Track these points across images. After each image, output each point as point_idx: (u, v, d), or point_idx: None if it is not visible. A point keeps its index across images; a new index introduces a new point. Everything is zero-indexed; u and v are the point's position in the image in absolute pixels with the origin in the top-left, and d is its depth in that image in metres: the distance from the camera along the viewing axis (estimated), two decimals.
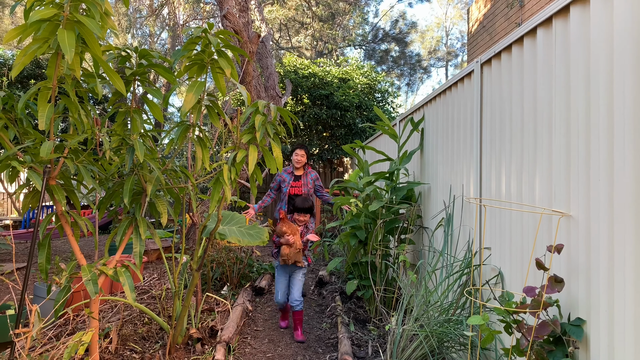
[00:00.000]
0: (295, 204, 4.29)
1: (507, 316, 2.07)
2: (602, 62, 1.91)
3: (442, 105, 4.01)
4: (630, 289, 1.74)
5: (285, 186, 5.28)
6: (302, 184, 5.29)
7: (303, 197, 4.46)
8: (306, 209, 4.23)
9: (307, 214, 4.24)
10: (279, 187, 5.40)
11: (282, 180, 5.34)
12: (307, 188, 5.31)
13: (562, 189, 2.16)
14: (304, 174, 5.36)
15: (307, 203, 4.26)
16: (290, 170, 5.37)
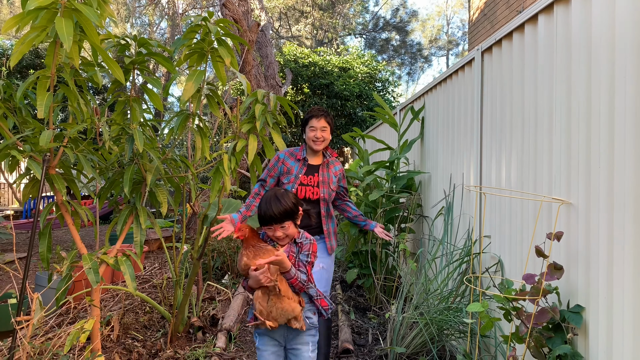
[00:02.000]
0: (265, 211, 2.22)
1: (506, 303, 2.08)
2: (604, 48, 1.90)
3: (442, 93, 3.99)
4: (629, 276, 1.75)
5: (290, 182, 3.03)
6: (319, 181, 3.06)
7: (275, 194, 2.26)
8: (283, 213, 2.20)
9: (285, 221, 2.21)
10: (278, 182, 3.15)
11: (284, 171, 3.08)
12: (329, 189, 3.09)
13: (562, 177, 2.16)
14: (323, 165, 3.13)
15: (282, 203, 2.20)
16: (300, 155, 3.11)
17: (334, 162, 3.23)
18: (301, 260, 2.24)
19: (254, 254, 2.17)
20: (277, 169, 3.11)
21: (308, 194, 3.04)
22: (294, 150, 3.16)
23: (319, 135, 3.04)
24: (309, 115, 3.11)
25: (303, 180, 3.04)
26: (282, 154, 3.14)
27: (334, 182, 3.14)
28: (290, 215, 2.21)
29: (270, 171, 3.11)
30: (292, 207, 2.23)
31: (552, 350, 1.93)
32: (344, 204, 3.33)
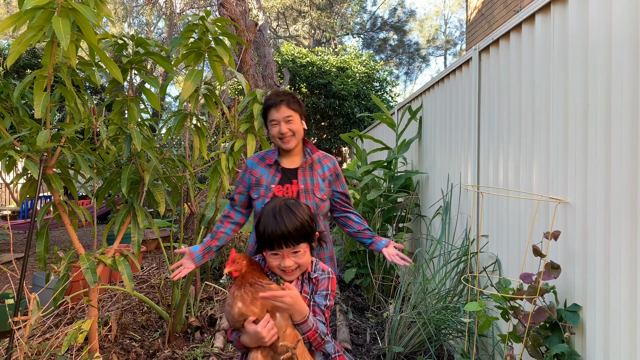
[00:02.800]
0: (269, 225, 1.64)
1: (504, 303, 2.09)
2: (600, 48, 1.90)
3: (440, 93, 4.00)
4: (625, 274, 1.75)
5: (259, 197, 2.30)
6: (300, 191, 2.28)
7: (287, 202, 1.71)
8: (299, 231, 1.63)
9: (300, 243, 1.64)
10: (249, 201, 2.40)
11: (253, 183, 2.35)
12: (316, 200, 2.28)
13: (559, 176, 2.16)
14: (304, 167, 2.33)
15: (298, 216, 1.64)
16: (271, 159, 2.36)
17: (322, 160, 2.35)
18: (318, 303, 1.64)
19: (252, 296, 1.50)
20: (245, 182, 2.34)
21: None
22: (266, 154, 2.37)
23: (285, 129, 2.22)
24: (265, 105, 2.31)
25: (277, 192, 2.23)
26: (250, 160, 2.37)
27: (323, 188, 2.28)
28: (307, 234, 1.60)
29: (238, 186, 2.38)
30: (310, 222, 1.63)
31: (549, 349, 1.94)
32: (344, 216, 2.41)
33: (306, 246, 1.62)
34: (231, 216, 2.38)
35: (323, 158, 2.37)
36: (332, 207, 2.41)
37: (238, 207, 2.38)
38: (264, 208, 1.67)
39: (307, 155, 2.33)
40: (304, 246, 1.61)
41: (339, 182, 2.40)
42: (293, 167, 2.30)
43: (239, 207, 2.38)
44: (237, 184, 2.38)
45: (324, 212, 2.30)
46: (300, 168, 2.30)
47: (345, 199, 2.43)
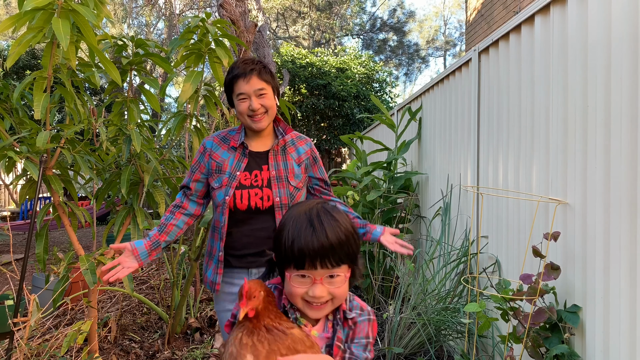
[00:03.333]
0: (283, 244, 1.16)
1: (503, 303, 2.09)
2: (600, 48, 1.91)
3: (439, 94, 4.00)
4: (625, 275, 1.75)
5: (222, 186, 1.91)
6: (271, 178, 1.92)
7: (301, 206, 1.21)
8: (343, 245, 1.14)
9: (342, 264, 1.16)
10: (207, 190, 2.03)
11: (213, 169, 1.95)
12: (290, 188, 1.93)
13: (558, 177, 2.16)
14: (275, 150, 1.97)
15: (341, 225, 1.16)
16: (236, 140, 1.96)
17: (296, 142, 1.98)
18: (356, 357, 1.20)
19: (269, 348, 1.06)
20: (203, 167, 1.94)
21: (254, 202, 1.85)
22: (228, 134, 1.96)
23: (256, 105, 1.82)
24: (231, 75, 1.87)
25: (243, 180, 1.86)
26: (209, 140, 1.96)
27: (298, 174, 1.93)
28: (352, 254, 1.17)
29: (193, 171, 1.97)
30: (357, 236, 1.19)
31: (549, 350, 1.94)
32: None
33: (347, 270, 1.16)
34: (184, 206, 1.98)
35: (297, 139, 1.99)
36: (311, 195, 2.07)
37: (194, 197, 1.99)
38: (290, 212, 1.20)
39: (280, 136, 1.95)
40: (344, 270, 1.15)
41: (317, 167, 2.04)
42: (263, 151, 1.93)
43: (194, 197, 1.99)
44: (192, 170, 1.98)
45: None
46: (271, 151, 1.92)
47: (325, 186, 2.07)
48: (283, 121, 2.00)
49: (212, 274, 1.95)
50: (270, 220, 1.89)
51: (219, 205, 1.89)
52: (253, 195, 1.86)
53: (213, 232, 1.96)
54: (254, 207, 1.87)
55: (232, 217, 1.88)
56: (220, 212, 1.89)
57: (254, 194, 1.87)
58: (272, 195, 1.87)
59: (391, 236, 1.97)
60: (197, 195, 2.00)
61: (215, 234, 1.95)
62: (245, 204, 1.86)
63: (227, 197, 1.85)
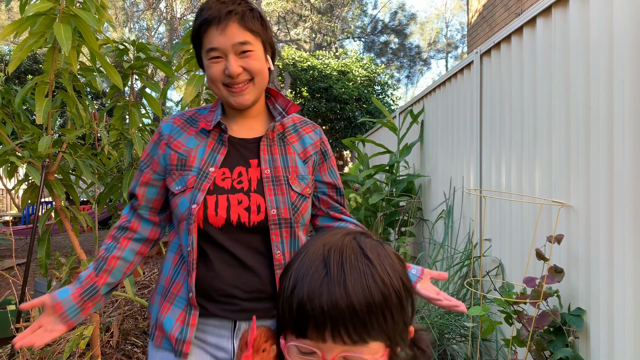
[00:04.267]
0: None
1: (507, 307, 2.08)
2: (602, 51, 1.90)
3: (441, 97, 3.99)
4: (629, 278, 1.74)
5: (186, 189, 1.22)
6: (264, 178, 1.24)
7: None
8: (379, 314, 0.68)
9: (375, 338, 0.69)
10: (165, 199, 1.33)
11: (172, 164, 1.26)
12: (290, 192, 1.25)
13: (562, 180, 2.15)
14: (269, 135, 1.30)
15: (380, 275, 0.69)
16: (207, 119, 1.30)
17: (301, 128, 1.38)
18: None
19: None
20: (156, 162, 1.30)
21: (236, 214, 1.21)
22: (197, 113, 1.35)
23: (234, 68, 1.18)
24: (199, 20, 1.21)
25: (220, 181, 1.24)
26: (168, 124, 1.32)
27: (303, 173, 1.31)
28: (392, 326, 0.71)
29: (142, 170, 1.33)
30: (403, 293, 0.73)
31: (553, 353, 1.93)
32: (334, 223, 1.42)
33: (383, 349, 0.72)
34: (133, 227, 1.32)
35: (301, 125, 1.37)
36: (315, 209, 1.41)
37: (144, 211, 1.32)
38: (307, 242, 0.79)
39: (278, 116, 1.31)
40: (376, 350, 0.70)
41: (326, 166, 1.39)
42: (250, 138, 1.30)
43: (145, 212, 1.32)
44: (140, 168, 1.32)
45: (306, 220, 1.31)
46: (263, 140, 1.28)
47: (337, 196, 1.42)
48: (282, 95, 1.35)
49: (177, 326, 1.21)
50: (260, 244, 1.24)
51: (182, 220, 1.21)
52: (235, 204, 1.20)
53: (177, 259, 1.28)
54: (236, 222, 1.19)
55: (204, 239, 1.21)
56: (185, 230, 1.20)
57: (236, 201, 1.20)
58: (264, 204, 1.21)
59: (431, 285, 1.27)
60: (149, 208, 1.32)
61: (178, 262, 1.27)
62: (222, 216, 1.19)
63: (195, 206, 1.17)
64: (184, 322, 1.23)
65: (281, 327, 0.76)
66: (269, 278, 1.25)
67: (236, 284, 1.22)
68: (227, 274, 1.22)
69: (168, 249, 1.34)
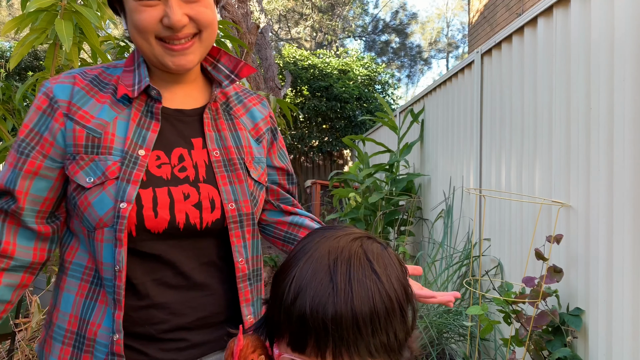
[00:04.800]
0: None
1: (506, 306, 2.08)
2: (603, 51, 1.90)
3: (442, 96, 4.00)
4: (628, 278, 1.74)
5: (106, 178, 0.85)
6: (214, 161, 0.95)
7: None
8: (385, 329, 0.63)
9: (381, 357, 0.63)
10: (60, 197, 0.92)
11: (80, 143, 0.86)
12: (247, 179, 0.98)
13: (561, 180, 2.15)
14: (211, 106, 0.99)
15: (385, 286, 0.64)
16: (128, 80, 0.91)
17: (245, 98, 1.10)
18: None
19: None
20: (49, 143, 0.88)
21: (184, 215, 0.89)
22: (104, 73, 0.95)
23: (178, 17, 0.84)
24: None
25: (155, 169, 0.90)
26: (62, 84, 0.90)
27: (258, 155, 1.06)
28: (394, 342, 0.65)
29: (25, 155, 0.87)
30: (405, 305, 0.67)
31: (551, 353, 1.93)
32: (289, 222, 1.15)
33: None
34: (6, 251, 0.89)
35: (244, 94, 1.10)
36: (266, 200, 1.14)
37: (29, 215, 0.90)
38: (307, 244, 0.69)
39: (225, 80, 1.01)
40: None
41: (276, 147, 1.15)
42: (188, 109, 0.99)
43: (30, 217, 0.90)
44: (21, 151, 0.89)
45: (257, 216, 1.03)
46: (207, 111, 0.99)
47: (289, 184, 1.17)
48: (226, 52, 1.03)
49: None
50: (213, 251, 0.97)
51: (100, 228, 0.86)
52: (180, 200, 0.90)
53: (85, 289, 0.91)
54: (183, 224, 0.90)
55: (131, 254, 0.88)
56: (108, 241, 0.86)
57: (182, 196, 0.90)
58: (218, 197, 0.94)
59: (425, 289, 1.00)
60: (35, 213, 0.91)
61: (88, 293, 0.90)
62: (163, 218, 0.88)
63: (124, 205, 0.84)
64: None
65: (272, 333, 0.70)
66: (225, 296, 0.96)
67: (183, 311, 0.92)
68: (169, 299, 0.91)
69: (63, 274, 0.93)
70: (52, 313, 0.94)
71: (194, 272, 0.93)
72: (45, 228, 0.92)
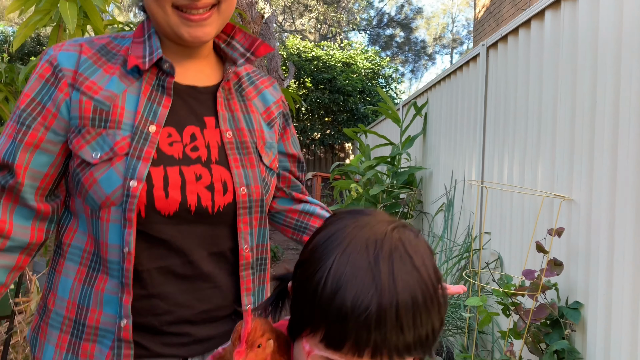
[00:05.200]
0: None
1: (505, 298, 2.08)
2: (610, 45, 1.89)
3: (446, 89, 3.98)
4: (628, 273, 1.74)
5: (115, 154, 0.81)
6: (227, 142, 0.90)
7: None
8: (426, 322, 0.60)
9: (417, 351, 0.60)
10: (61, 174, 0.87)
11: (87, 116, 0.82)
12: (259, 164, 0.94)
13: (564, 173, 2.15)
14: (224, 85, 0.94)
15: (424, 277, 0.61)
16: (137, 52, 0.85)
17: (257, 80, 1.05)
18: None
19: None
20: (52, 115, 0.83)
21: (195, 197, 0.85)
22: (112, 42, 0.90)
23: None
24: None
25: (166, 147, 0.85)
26: (66, 52, 0.84)
27: (270, 140, 1.01)
28: (429, 335, 0.62)
29: (26, 127, 0.82)
30: (443, 295, 0.65)
31: (549, 345, 1.93)
32: (299, 210, 1.12)
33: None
34: (2, 229, 0.83)
35: (255, 75, 1.05)
36: (277, 187, 1.11)
37: (29, 192, 0.85)
38: (341, 238, 0.63)
39: (240, 58, 0.96)
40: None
41: (290, 134, 1.13)
42: (202, 86, 0.94)
43: (30, 194, 0.85)
44: (22, 121, 0.83)
45: (268, 203, 0.99)
46: (220, 90, 0.95)
47: (300, 172, 1.15)
48: (241, 29, 0.99)
49: None
50: (222, 239, 0.92)
51: (106, 207, 0.82)
52: (192, 181, 0.86)
53: (84, 273, 0.87)
54: (195, 207, 0.86)
55: (140, 236, 0.83)
56: (115, 221, 0.82)
57: (194, 176, 0.86)
58: (231, 181, 0.90)
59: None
60: (35, 189, 0.86)
61: (86, 278, 0.86)
62: (174, 199, 0.84)
63: (135, 183, 0.80)
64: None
65: (300, 325, 0.65)
66: (231, 288, 0.90)
67: (187, 303, 0.88)
68: (173, 289, 0.86)
69: (60, 257, 0.89)
70: (48, 298, 0.89)
71: (203, 262, 0.88)
72: (45, 206, 0.88)
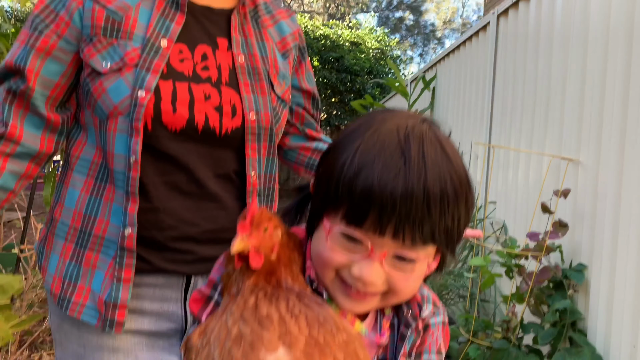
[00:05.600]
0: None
1: (508, 260, 2.07)
2: (623, 8, 1.85)
3: (455, 62, 3.94)
4: (634, 234, 1.73)
5: (125, 64, 0.82)
6: (239, 66, 0.89)
7: None
8: (452, 210, 0.60)
9: (433, 241, 0.60)
10: (73, 85, 0.88)
11: (99, 25, 0.82)
12: (271, 93, 0.93)
13: (572, 135, 2.13)
14: (240, 9, 0.93)
15: (456, 168, 0.62)
16: None
17: (274, 10, 1.03)
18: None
19: (308, 333, 0.55)
20: (64, 23, 0.84)
21: (203, 116, 0.85)
22: None
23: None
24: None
25: (177, 62, 0.85)
26: None
27: (284, 71, 0.99)
28: (455, 228, 0.62)
29: (39, 32, 0.83)
30: (471, 194, 0.64)
31: (551, 306, 1.93)
32: (313, 147, 1.10)
33: (433, 256, 0.66)
34: (12, 134, 0.85)
35: (274, 6, 1.04)
36: (286, 125, 1.04)
37: (39, 99, 0.86)
38: (370, 125, 0.63)
39: None
40: (428, 254, 0.64)
41: (305, 69, 1.09)
42: (217, 8, 0.93)
43: (41, 102, 0.86)
44: (35, 26, 0.84)
45: (279, 133, 1.00)
46: (235, 13, 0.93)
47: (314, 109, 1.12)
48: None
49: (107, 282, 0.84)
50: (229, 162, 0.91)
51: (114, 117, 0.83)
52: (200, 99, 0.85)
53: (91, 184, 0.88)
54: (202, 126, 0.85)
55: (147, 149, 0.83)
56: (122, 131, 0.83)
57: (202, 95, 0.86)
58: (240, 104, 0.89)
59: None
60: (45, 98, 0.86)
61: (94, 188, 0.88)
62: (182, 115, 0.84)
63: (143, 93, 0.80)
64: (115, 277, 0.82)
65: (321, 207, 0.65)
66: (238, 211, 0.76)
67: (193, 220, 0.87)
68: (179, 205, 0.86)
69: (69, 169, 0.91)
70: (55, 209, 0.92)
71: (209, 182, 0.88)
72: (55, 116, 0.88)
